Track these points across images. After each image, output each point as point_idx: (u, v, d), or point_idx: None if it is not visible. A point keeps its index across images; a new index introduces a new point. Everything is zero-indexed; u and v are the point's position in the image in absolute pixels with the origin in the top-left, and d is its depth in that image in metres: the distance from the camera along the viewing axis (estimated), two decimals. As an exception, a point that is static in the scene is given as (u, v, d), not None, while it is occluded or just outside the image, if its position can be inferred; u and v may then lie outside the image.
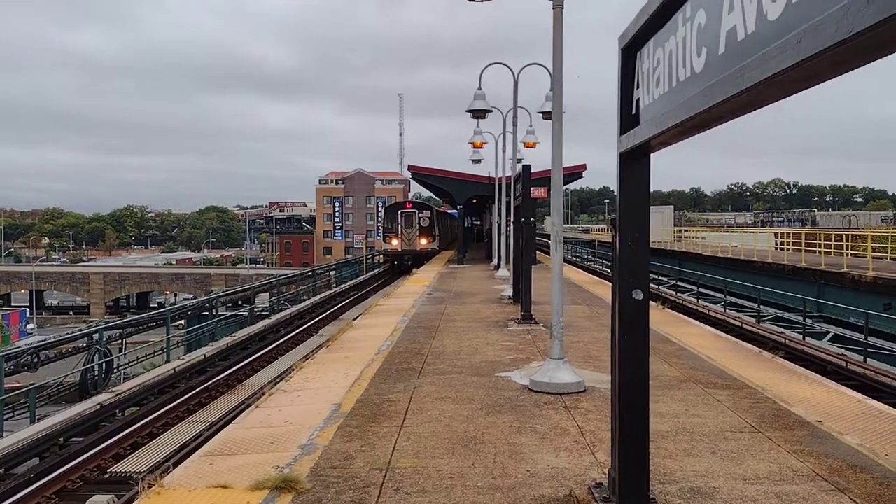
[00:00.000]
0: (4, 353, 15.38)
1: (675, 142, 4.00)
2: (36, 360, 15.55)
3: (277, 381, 10.02)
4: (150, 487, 5.77)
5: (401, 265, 47.26)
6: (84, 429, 13.51)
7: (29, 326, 69.08)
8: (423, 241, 47.86)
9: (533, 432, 6.96)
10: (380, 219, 55.48)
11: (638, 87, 4.38)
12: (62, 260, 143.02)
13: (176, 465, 6.88)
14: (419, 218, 48.26)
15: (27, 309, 79.04)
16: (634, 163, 4.50)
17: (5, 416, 13.85)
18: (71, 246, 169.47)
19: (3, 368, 13.73)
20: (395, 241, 48.21)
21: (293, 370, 10.33)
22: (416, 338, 12.70)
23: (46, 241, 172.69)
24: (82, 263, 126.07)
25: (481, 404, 8.03)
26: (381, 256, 56.21)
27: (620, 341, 4.50)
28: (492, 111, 20.32)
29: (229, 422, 8.46)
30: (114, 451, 12.14)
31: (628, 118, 4.47)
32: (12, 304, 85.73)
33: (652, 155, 4.44)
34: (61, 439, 12.68)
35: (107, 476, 11.19)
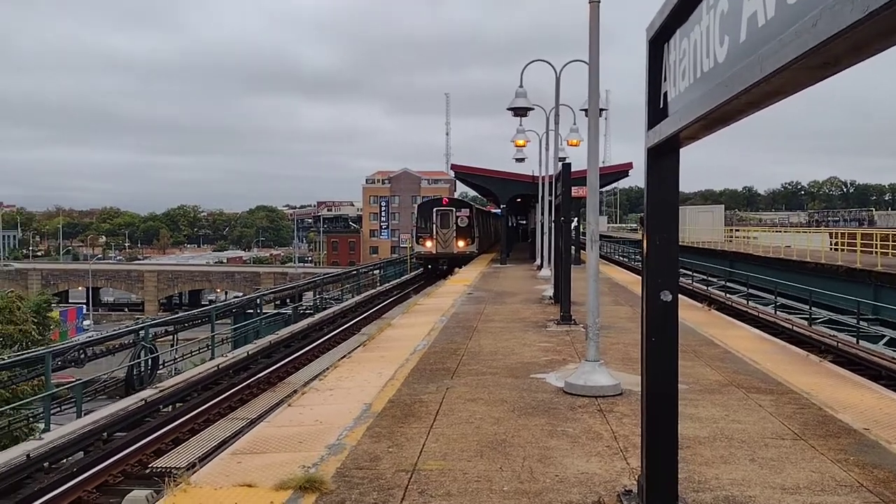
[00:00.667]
0: (52, 349, 15.79)
1: (702, 136, 3.83)
2: (83, 355, 15.92)
3: (313, 379, 10.03)
4: (176, 485, 5.79)
5: (435, 269, 42.78)
6: (128, 424, 13.77)
7: (85, 323, 71.09)
8: (461, 244, 42.91)
9: (564, 436, 6.81)
10: (413, 217, 47.94)
11: (665, 80, 4.21)
12: (118, 258, 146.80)
13: (204, 462, 6.91)
14: (456, 217, 43.31)
15: (84, 305, 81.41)
16: (662, 158, 4.34)
17: (53, 411, 14.20)
18: (126, 244, 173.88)
19: (51, 364, 14.08)
20: (429, 243, 43.02)
21: (329, 369, 10.34)
22: (453, 338, 12.61)
23: (103, 239, 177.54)
24: (137, 261, 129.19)
25: (514, 406, 7.90)
26: (415, 259, 50.14)
27: (648, 343, 4.34)
28: (533, 109, 20.11)
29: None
30: (155, 447, 12.33)
31: (656, 112, 4.30)
32: (70, 301, 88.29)
33: (701, 152, 4.28)
34: (105, 434, 12.94)
35: (147, 471, 11.36)
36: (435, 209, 43.72)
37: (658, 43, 4.25)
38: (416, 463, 6.09)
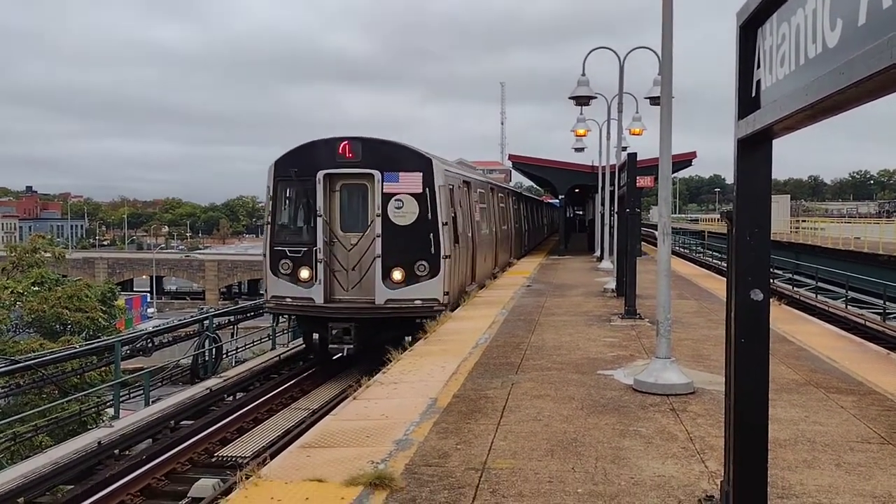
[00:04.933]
0: (122, 338, 16.19)
1: (801, 126, 3.58)
2: (150, 344, 16.29)
3: (375, 371, 10.03)
4: (247, 478, 5.81)
5: (324, 348, 16.96)
6: (194, 412, 14.03)
7: (149, 311, 73.16)
8: (397, 275, 15.59)
9: (637, 436, 6.61)
10: (267, 201, 16.82)
11: (759, 67, 3.97)
12: (180, 247, 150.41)
13: (273, 455, 6.93)
14: (386, 194, 15.69)
15: (148, 294, 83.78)
16: (754, 150, 4.10)
17: (122, 398, 14.56)
18: (188, 234, 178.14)
19: (120, 353, 14.41)
20: (304, 273, 15.82)
21: (391, 361, 10.31)
22: (515, 331, 12.46)
23: (166, 229, 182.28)
24: (198, 251, 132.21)
25: (582, 404, 7.73)
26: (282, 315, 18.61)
27: (737, 346, 4.11)
28: (596, 98, 19.67)
29: (328, 412, 8.51)
30: (221, 436, 12.51)
31: (747, 101, 4.06)
32: (134, 289, 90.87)
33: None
34: (172, 422, 13.20)
35: (213, 460, 11.53)
36: (322, 174, 15.86)
37: (751, 28, 4.01)
38: (485, 461, 5.99)
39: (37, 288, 28.80)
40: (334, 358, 15.67)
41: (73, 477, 10.86)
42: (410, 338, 12.91)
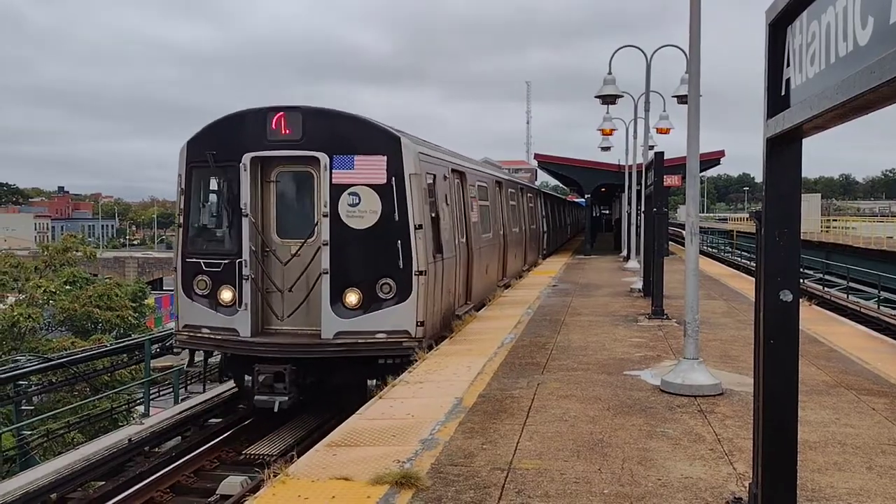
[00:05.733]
0: (151, 337, 16.41)
1: (832, 126, 3.54)
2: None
3: (400, 371, 10.07)
4: (275, 476, 5.88)
5: (251, 402, 11.68)
6: (222, 410, 14.16)
7: (178, 309, 73.93)
8: (353, 298, 11.22)
9: (664, 437, 6.57)
10: (178, 194, 12.39)
11: (788, 66, 3.93)
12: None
13: (300, 453, 6.99)
14: (335, 184, 11.29)
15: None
16: (783, 149, 4.06)
17: (152, 396, 14.76)
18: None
19: (150, 351, 14.61)
20: (226, 294, 11.59)
21: (416, 361, 10.34)
22: (541, 331, 12.43)
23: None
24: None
25: (608, 404, 7.69)
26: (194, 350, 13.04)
27: (765, 347, 4.07)
28: (622, 96, 19.55)
29: (353, 410, 8.55)
30: (248, 434, 12.60)
31: (776, 100, 4.03)
32: (164, 288, 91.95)
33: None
34: (201, 420, 13.34)
35: (241, 457, 11.62)
36: (249, 157, 11.52)
37: (780, 26, 3.97)
38: (511, 461, 5.99)
39: (69, 287, 29.27)
40: (275, 410, 11.25)
41: (104, 473, 11.03)
42: (375, 382, 10.28)
